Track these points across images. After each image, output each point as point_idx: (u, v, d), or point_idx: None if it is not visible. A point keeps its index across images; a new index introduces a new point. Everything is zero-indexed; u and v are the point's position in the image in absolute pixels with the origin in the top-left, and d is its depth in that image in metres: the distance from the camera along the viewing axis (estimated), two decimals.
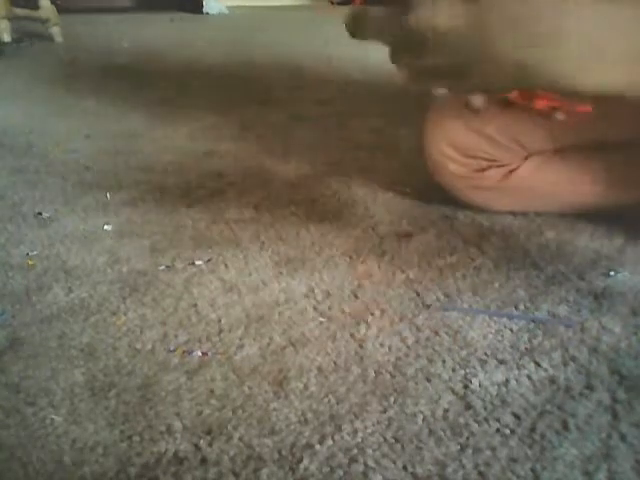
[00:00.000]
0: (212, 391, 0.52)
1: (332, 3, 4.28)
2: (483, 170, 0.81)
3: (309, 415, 0.50)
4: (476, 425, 0.48)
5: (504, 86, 0.43)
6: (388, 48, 0.45)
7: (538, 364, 0.55)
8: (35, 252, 0.76)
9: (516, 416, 0.49)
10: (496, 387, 0.52)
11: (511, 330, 0.60)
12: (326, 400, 0.51)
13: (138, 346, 0.58)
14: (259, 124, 1.31)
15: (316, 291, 0.67)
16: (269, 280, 0.70)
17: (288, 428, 0.48)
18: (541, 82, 0.41)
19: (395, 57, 0.45)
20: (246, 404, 0.51)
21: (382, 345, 0.58)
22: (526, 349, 0.57)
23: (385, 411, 0.50)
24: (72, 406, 0.51)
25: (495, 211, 0.84)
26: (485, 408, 0.50)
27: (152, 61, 2.07)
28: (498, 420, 0.49)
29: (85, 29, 2.87)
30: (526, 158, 0.80)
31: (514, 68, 0.40)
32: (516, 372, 0.54)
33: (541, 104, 0.55)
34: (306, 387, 0.53)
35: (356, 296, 0.66)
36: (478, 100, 0.48)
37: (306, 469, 0.45)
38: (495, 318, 0.62)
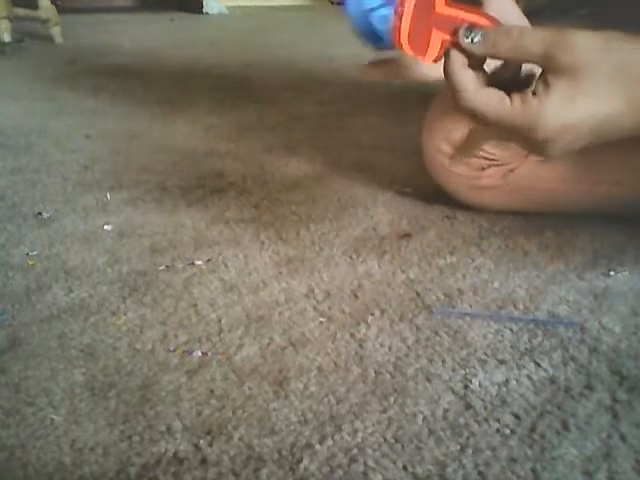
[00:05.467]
0: (212, 391, 0.52)
1: (332, 3, 4.28)
2: (483, 169, 0.81)
3: (309, 415, 0.50)
4: (476, 425, 0.48)
5: None
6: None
7: (538, 364, 0.55)
8: (35, 252, 0.76)
9: (516, 416, 0.49)
10: (496, 387, 0.52)
11: (511, 330, 0.60)
12: (326, 400, 0.51)
13: (138, 346, 0.58)
14: (259, 124, 1.31)
15: (316, 291, 0.67)
16: (269, 280, 0.70)
17: (288, 428, 0.48)
18: None
19: None
20: (246, 404, 0.51)
21: (382, 345, 0.58)
22: (526, 349, 0.57)
23: (385, 411, 0.50)
24: (72, 406, 0.51)
25: (495, 211, 0.84)
26: (485, 408, 0.50)
27: (152, 61, 2.07)
28: (498, 420, 0.49)
29: (85, 29, 2.87)
30: (526, 157, 0.80)
31: None
32: (516, 372, 0.54)
33: (468, 18, 0.51)
34: (306, 387, 0.53)
35: (356, 296, 0.66)
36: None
37: (306, 469, 0.45)
38: (495, 318, 0.62)
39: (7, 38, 2.33)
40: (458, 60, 0.49)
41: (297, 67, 1.94)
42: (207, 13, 3.62)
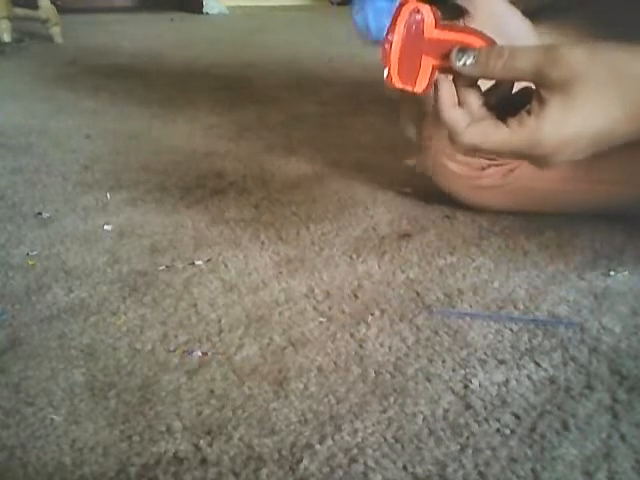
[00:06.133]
0: (212, 391, 0.52)
1: (332, 3, 4.28)
2: (483, 169, 0.81)
3: (309, 415, 0.50)
4: (476, 425, 0.48)
5: None
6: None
7: (538, 364, 0.55)
8: (35, 252, 0.76)
9: (516, 416, 0.49)
10: (496, 387, 0.52)
11: (511, 330, 0.60)
12: (326, 400, 0.51)
13: (138, 346, 0.58)
14: (259, 124, 1.31)
15: (316, 291, 0.67)
16: (269, 280, 0.70)
17: (288, 428, 0.48)
18: None
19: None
20: (246, 404, 0.51)
21: (382, 345, 0.58)
22: (526, 349, 0.57)
23: (385, 411, 0.50)
24: (72, 406, 0.51)
25: (495, 211, 0.84)
26: (485, 408, 0.50)
27: (152, 61, 2.07)
28: (498, 420, 0.49)
29: (85, 29, 2.87)
30: None
31: None
32: (516, 372, 0.54)
33: (459, 39, 0.49)
34: (306, 387, 0.53)
35: (356, 296, 0.66)
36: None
37: (306, 469, 0.45)
38: (495, 318, 0.62)
39: (7, 38, 2.33)
40: (446, 101, 0.49)
41: (297, 67, 1.94)
42: (207, 13, 3.62)
